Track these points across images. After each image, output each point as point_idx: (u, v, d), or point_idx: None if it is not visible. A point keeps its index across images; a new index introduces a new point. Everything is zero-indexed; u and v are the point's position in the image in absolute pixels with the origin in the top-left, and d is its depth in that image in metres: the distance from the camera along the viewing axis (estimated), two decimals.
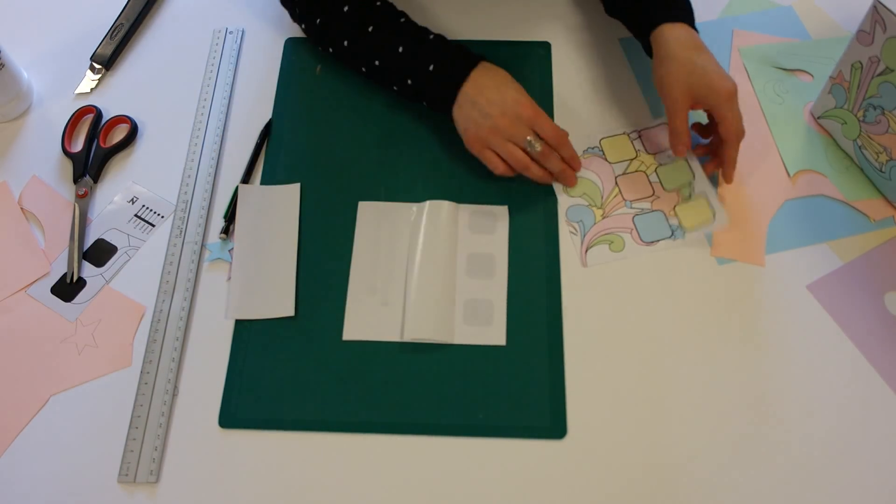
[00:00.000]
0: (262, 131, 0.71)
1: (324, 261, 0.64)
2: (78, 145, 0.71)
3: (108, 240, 0.67)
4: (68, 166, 0.70)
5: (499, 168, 0.63)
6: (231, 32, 0.79)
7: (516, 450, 0.56)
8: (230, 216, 0.67)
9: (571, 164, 0.65)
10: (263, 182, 0.69)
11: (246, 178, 0.69)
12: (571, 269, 0.64)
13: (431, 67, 0.64)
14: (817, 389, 0.58)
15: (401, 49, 0.65)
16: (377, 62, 0.67)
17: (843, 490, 0.54)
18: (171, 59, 0.78)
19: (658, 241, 0.64)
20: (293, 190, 0.67)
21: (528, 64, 0.75)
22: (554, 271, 0.63)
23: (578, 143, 0.69)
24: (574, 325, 0.61)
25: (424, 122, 0.71)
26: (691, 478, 0.55)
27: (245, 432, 0.58)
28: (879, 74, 0.61)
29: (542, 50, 0.76)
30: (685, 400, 0.58)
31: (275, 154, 0.70)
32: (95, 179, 0.70)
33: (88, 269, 0.65)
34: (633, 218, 0.65)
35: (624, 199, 0.66)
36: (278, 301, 0.62)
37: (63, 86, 0.76)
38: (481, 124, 0.62)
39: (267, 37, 0.79)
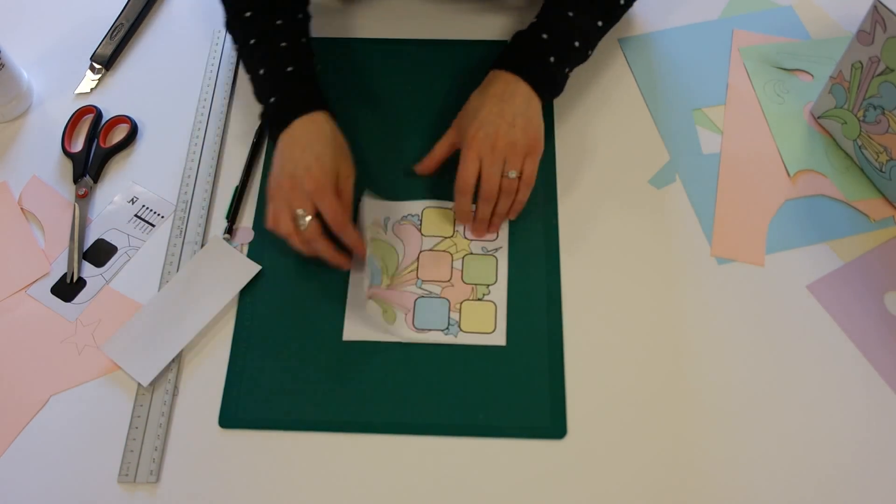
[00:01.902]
0: (258, 130, 0.71)
1: (324, 263, 0.64)
2: (78, 145, 0.71)
3: (108, 240, 0.67)
4: (68, 166, 0.70)
5: (267, 224, 0.60)
6: None
7: (516, 450, 0.56)
8: (232, 216, 0.67)
9: (353, 249, 0.61)
10: (263, 183, 0.69)
11: (244, 179, 0.69)
12: (572, 268, 0.64)
13: (272, 100, 0.62)
14: (817, 389, 0.58)
15: (261, 72, 0.63)
16: (250, 76, 0.65)
17: (844, 490, 0.54)
18: (171, 59, 0.78)
19: (429, 330, 0.61)
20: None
21: None
22: (554, 271, 0.63)
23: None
24: (574, 325, 0.61)
25: (424, 122, 0.71)
26: (691, 477, 0.55)
27: (245, 432, 0.58)
28: (879, 74, 0.61)
29: None
30: (685, 400, 0.58)
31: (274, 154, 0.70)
32: (95, 179, 0.70)
33: (88, 269, 0.65)
34: (416, 300, 0.62)
35: (418, 277, 0.63)
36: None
37: (63, 86, 0.76)
38: (274, 176, 0.60)
39: None
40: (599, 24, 0.68)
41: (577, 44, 0.65)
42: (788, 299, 0.62)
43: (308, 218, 0.58)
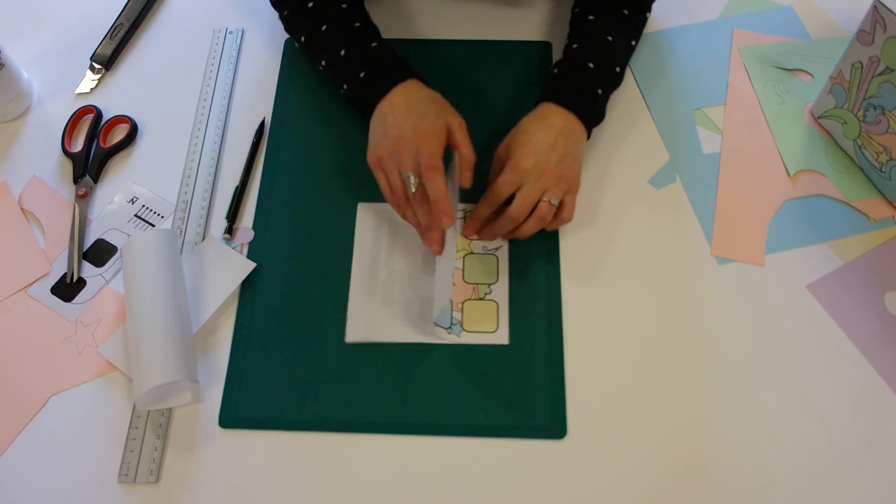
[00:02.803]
0: (257, 132, 0.71)
1: (324, 261, 0.64)
2: (78, 145, 0.71)
3: (108, 240, 0.67)
4: (68, 166, 0.70)
5: (384, 194, 0.60)
6: (231, 32, 0.79)
7: (516, 450, 0.56)
8: (232, 216, 0.67)
9: (436, 206, 0.56)
10: (263, 183, 0.69)
11: (244, 179, 0.69)
12: (571, 268, 0.64)
13: (362, 75, 0.63)
14: (817, 389, 0.58)
15: (342, 52, 0.64)
16: (323, 62, 0.66)
17: (844, 490, 0.54)
18: (171, 59, 0.78)
19: (439, 326, 0.61)
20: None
21: (529, 64, 0.75)
22: (554, 271, 0.63)
23: None
24: (574, 325, 0.61)
25: None
26: (691, 477, 0.55)
27: (245, 432, 0.58)
28: (879, 74, 0.61)
29: (542, 50, 0.76)
30: (685, 400, 0.58)
31: (274, 154, 0.70)
32: (95, 179, 0.70)
33: (88, 269, 0.65)
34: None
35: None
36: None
37: (63, 86, 0.76)
38: (380, 143, 0.59)
39: (267, 37, 0.79)
40: (633, 43, 0.69)
41: (617, 69, 0.66)
42: (788, 299, 0.62)
43: (417, 180, 0.57)
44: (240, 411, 0.58)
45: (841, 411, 0.57)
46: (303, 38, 0.68)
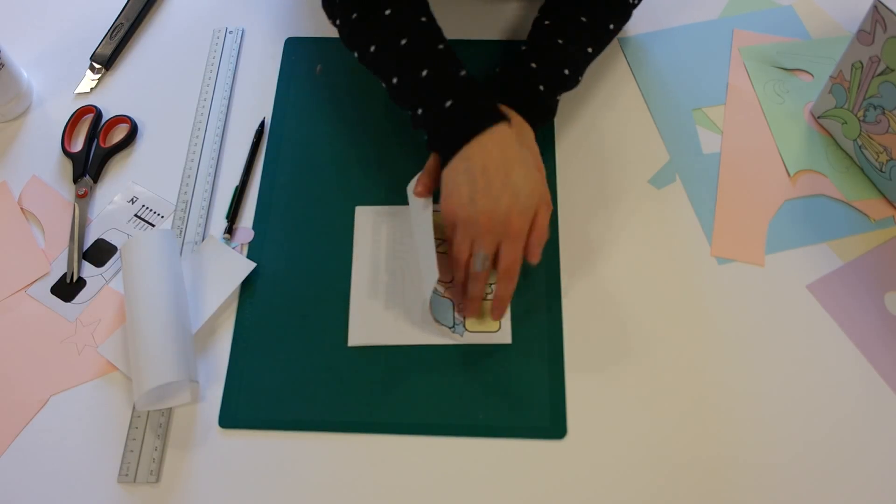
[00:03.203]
0: (257, 132, 0.71)
1: (324, 261, 0.64)
2: (78, 145, 0.71)
3: (108, 240, 0.67)
4: (68, 166, 0.70)
5: (451, 252, 0.57)
6: (231, 32, 0.79)
7: (516, 450, 0.56)
8: (232, 216, 0.67)
9: (496, 303, 0.56)
10: (263, 183, 0.69)
11: (244, 179, 0.69)
12: (571, 268, 0.64)
13: (448, 104, 0.56)
14: (817, 390, 0.58)
15: (424, 73, 0.57)
16: (396, 79, 0.59)
17: (844, 490, 0.54)
18: (170, 58, 0.77)
19: (442, 324, 0.60)
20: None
21: None
22: (554, 271, 0.63)
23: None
24: (574, 325, 0.61)
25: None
26: (691, 477, 0.55)
27: (245, 432, 0.58)
28: (880, 74, 0.61)
29: None
30: (685, 400, 0.58)
31: (274, 154, 0.70)
32: (95, 179, 0.70)
33: (88, 269, 0.65)
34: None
35: None
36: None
37: (63, 85, 0.76)
38: (464, 205, 0.54)
39: (267, 37, 0.79)
40: (589, 50, 0.66)
41: (566, 71, 0.64)
42: (788, 299, 0.62)
43: (487, 261, 0.55)
44: (240, 411, 0.58)
45: (841, 412, 0.57)
46: (372, 49, 0.60)
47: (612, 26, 0.68)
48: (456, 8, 0.79)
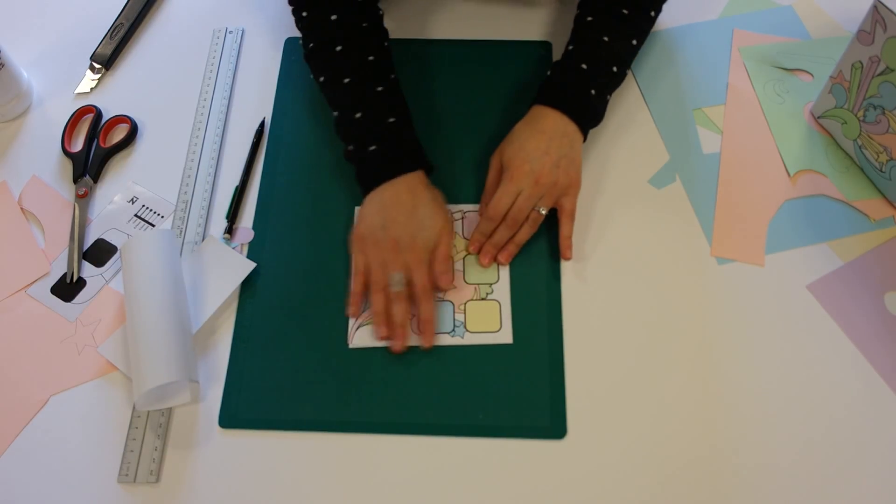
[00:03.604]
0: (257, 131, 0.71)
1: (324, 261, 0.64)
2: (78, 145, 0.71)
3: (108, 240, 0.67)
4: (68, 166, 0.70)
5: (354, 273, 0.61)
6: (231, 32, 0.79)
7: (516, 450, 0.56)
8: (232, 216, 0.67)
9: (423, 326, 0.59)
10: (263, 183, 0.69)
11: (244, 179, 0.69)
12: (572, 268, 0.64)
13: (372, 148, 0.61)
14: (817, 390, 0.58)
15: (358, 115, 0.62)
16: (336, 113, 0.64)
17: (844, 490, 0.54)
18: (170, 58, 0.77)
19: (437, 333, 0.60)
20: None
21: (529, 64, 0.75)
22: (554, 271, 0.63)
23: None
24: (574, 325, 0.61)
25: (423, 124, 0.71)
26: (691, 478, 0.55)
27: (245, 432, 0.57)
28: (880, 74, 0.61)
29: (542, 50, 0.76)
30: (685, 400, 0.58)
31: (273, 154, 0.70)
32: (95, 179, 0.70)
33: (88, 269, 0.65)
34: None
35: None
36: None
37: (63, 85, 0.76)
38: (375, 232, 0.60)
39: (267, 36, 0.79)
40: (634, 42, 0.68)
41: (615, 69, 0.66)
42: (788, 299, 0.62)
43: (402, 281, 0.59)
44: (240, 411, 0.58)
45: (841, 411, 0.57)
46: (321, 79, 0.65)
47: (652, 13, 0.69)
48: (454, 7, 0.79)
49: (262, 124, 0.72)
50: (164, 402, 0.58)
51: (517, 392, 0.58)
